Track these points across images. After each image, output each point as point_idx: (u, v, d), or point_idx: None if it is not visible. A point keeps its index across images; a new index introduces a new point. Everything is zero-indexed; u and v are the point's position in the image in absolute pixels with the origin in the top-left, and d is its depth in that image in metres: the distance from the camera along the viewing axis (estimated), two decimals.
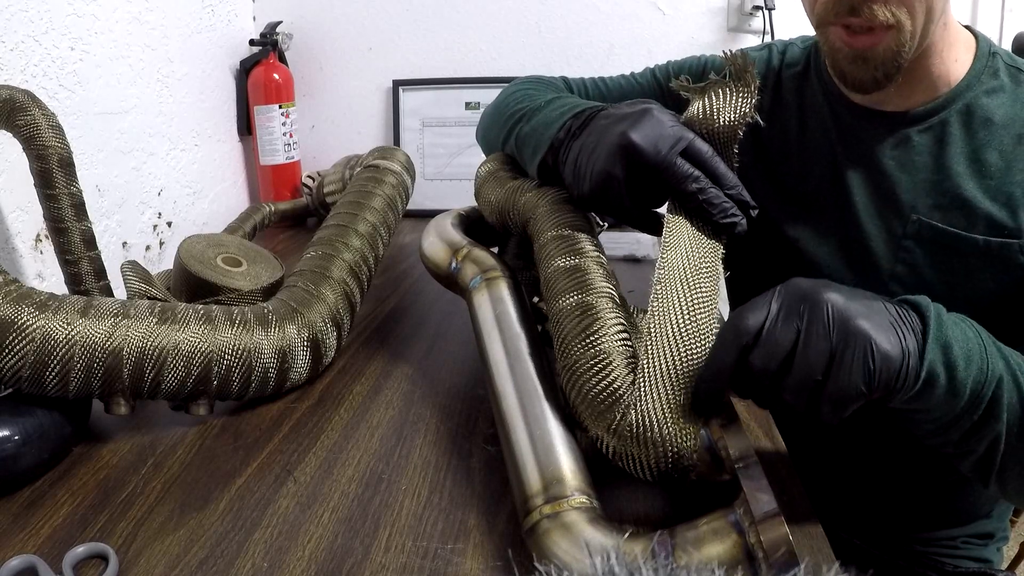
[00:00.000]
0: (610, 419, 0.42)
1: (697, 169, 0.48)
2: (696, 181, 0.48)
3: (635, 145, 0.48)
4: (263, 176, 1.24)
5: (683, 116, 0.51)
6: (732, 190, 0.49)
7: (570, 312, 0.47)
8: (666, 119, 0.49)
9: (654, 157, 0.48)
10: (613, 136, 0.49)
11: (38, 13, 0.76)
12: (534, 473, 0.43)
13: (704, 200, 0.48)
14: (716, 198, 0.48)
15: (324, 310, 0.64)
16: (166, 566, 0.42)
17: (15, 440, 0.48)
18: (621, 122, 0.49)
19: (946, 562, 0.71)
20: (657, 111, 0.50)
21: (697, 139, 0.49)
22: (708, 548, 0.35)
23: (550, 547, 0.39)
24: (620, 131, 0.49)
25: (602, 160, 0.50)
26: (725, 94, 0.49)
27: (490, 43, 1.28)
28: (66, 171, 0.64)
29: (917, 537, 0.72)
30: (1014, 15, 1.24)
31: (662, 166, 0.48)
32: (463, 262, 0.60)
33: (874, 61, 0.54)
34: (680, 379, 0.42)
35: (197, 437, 0.56)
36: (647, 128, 0.48)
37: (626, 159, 0.48)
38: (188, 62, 1.07)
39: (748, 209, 0.50)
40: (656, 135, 0.48)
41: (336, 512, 0.47)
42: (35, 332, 0.49)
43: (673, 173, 0.48)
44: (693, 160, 0.48)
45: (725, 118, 0.49)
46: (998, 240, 0.55)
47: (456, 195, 1.23)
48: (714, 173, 0.48)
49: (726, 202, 0.48)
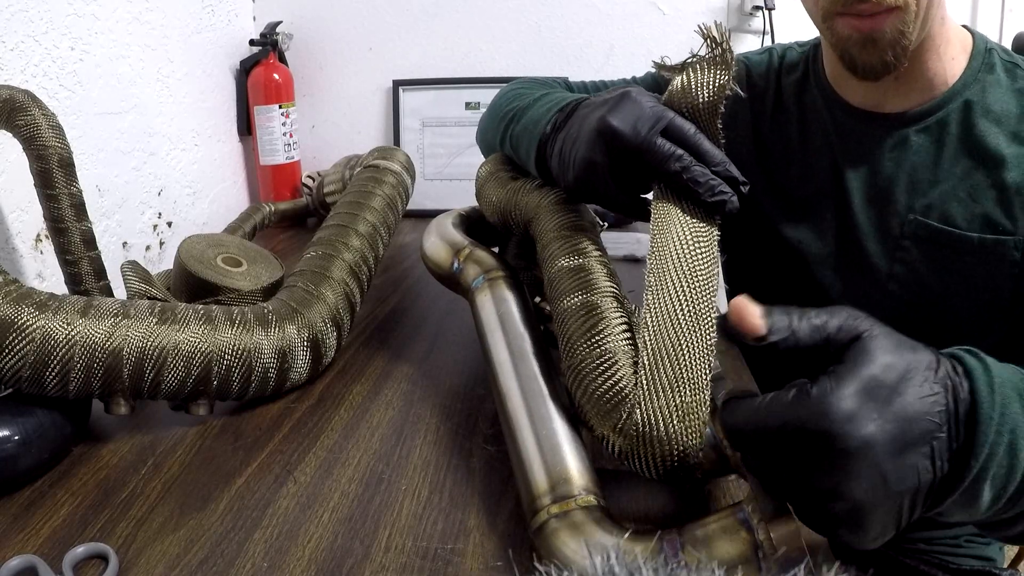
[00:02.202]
0: (616, 418, 0.42)
1: (680, 148, 0.46)
2: (679, 160, 0.46)
3: (613, 128, 0.46)
4: (263, 176, 1.24)
5: (663, 97, 0.49)
6: (718, 167, 0.46)
7: (575, 312, 0.47)
8: (645, 100, 0.48)
9: (633, 139, 0.46)
10: (592, 122, 0.48)
11: (38, 13, 0.76)
12: (541, 473, 0.43)
13: (689, 179, 0.46)
14: (701, 176, 0.46)
15: (324, 310, 0.64)
16: (166, 566, 0.42)
17: (15, 440, 0.48)
18: (600, 108, 0.49)
19: (949, 560, 0.71)
20: (635, 93, 0.48)
21: (677, 117, 0.47)
22: (718, 546, 0.35)
23: (558, 547, 0.39)
24: (598, 116, 0.48)
25: (583, 147, 0.49)
26: (703, 68, 0.47)
27: (490, 43, 1.28)
28: (66, 171, 0.64)
29: (920, 536, 0.72)
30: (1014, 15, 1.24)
31: (643, 147, 0.46)
32: (465, 262, 0.60)
33: (882, 43, 0.54)
34: (683, 374, 0.41)
35: (197, 437, 0.56)
36: (625, 111, 0.47)
37: (606, 144, 0.47)
38: (188, 62, 1.07)
39: (738, 185, 0.47)
40: (634, 117, 0.46)
41: (336, 512, 0.47)
42: (35, 332, 0.49)
43: (654, 154, 0.46)
44: (675, 139, 0.46)
45: (705, 93, 0.47)
46: (992, 237, 0.55)
47: (456, 195, 1.23)
48: (698, 150, 0.46)
49: (713, 179, 0.46)
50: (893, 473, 0.30)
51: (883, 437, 0.30)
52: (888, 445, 0.30)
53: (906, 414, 0.31)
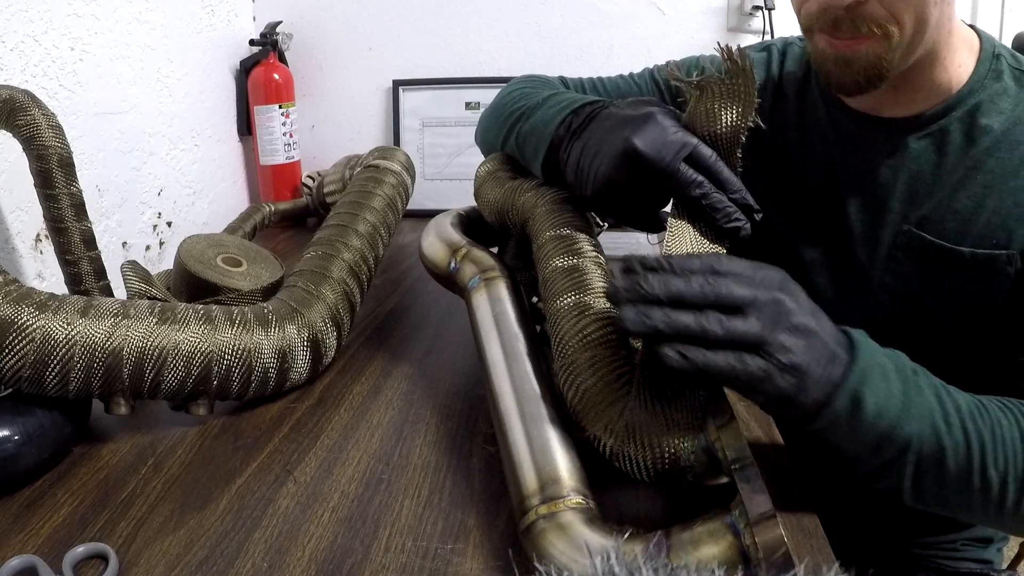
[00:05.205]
0: (607, 419, 0.42)
1: (701, 174, 0.48)
2: (700, 187, 0.48)
3: (640, 152, 0.47)
4: (263, 176, 1.24)
5: (684, 118, 0.51)
6: (736, 194, 0.49)
7: (568, 312, 0.47)
8: (669, 124, 0.49)
9: (658, 164, 0.47)
10: (617, 141, 0.49)
11: (38, 13, 0.76)
12: (530, 473, 0.43)
13: (708, 205, 0.48)
14: (720, 203, 0.48)
15: (324, 310, 0.64)
16: (166, 566, 0.42)
17: (15, 440, 0.48)
18: (625, 126, 0.49)
19: (946, 564, 0.71)
20: (660, 115, 0.49)
21: (701, 145, 0.48)
22: (704, 549, 0.36)
23: (546, 547, 0.39)
24: (624, 136, 0.48)
25: (606, 165, 0.50)
26: (723, 94, 0.48)
27: (490, 43, 1.28)
28: (66, 171, 0.64)
29: (916, 540, 0.72)
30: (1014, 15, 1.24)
31: (666, 172, 0.48)
32: (462, 262, 0.60)
33: (856, 65, 0.54)
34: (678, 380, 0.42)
35: (197, 437, 0.56)
36: (651, 134, 0.48)
37: (630, 166, 0.48)
38: (188, 62, 1.07)
39: (752, 213, 0.49)
40: (660, 141, 0.48)
41: (336, 512, 0.47)
42: (35, 332, 0.49)
43: (678, 180, 0.48)
44: (697, 165, 0.48)
45: (726, 121, 0.49)
46: (985, 252, 0.55)
47: (456, 195, 1.23)
48: (717, 178, 0.48)
49: (730, 207, 0.48)
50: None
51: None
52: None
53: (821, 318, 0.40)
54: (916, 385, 0.42)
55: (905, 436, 0.40)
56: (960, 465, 0.41)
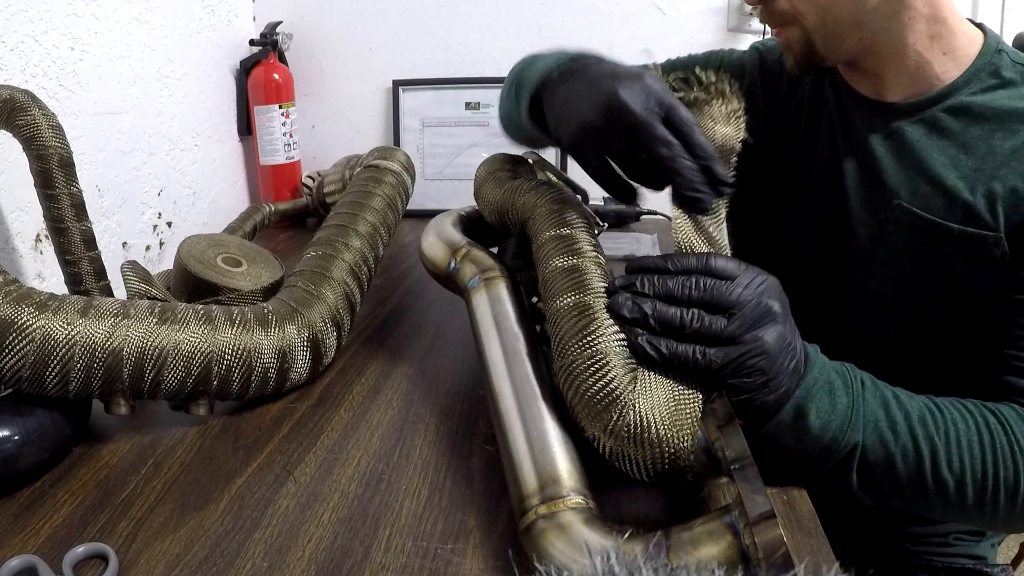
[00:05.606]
0: (607, 420, 0.42)
1: (676, 138, 0.48)
2: (669, 147, 0.47)
3: (620, 99, 0.47)
4: (263, 176, 1.24)
5: None
6: (704, 161, 0.48)
7: (567, 312, 0.47)
8: (657, 85, 0.49)
9: (634, 113, 0.47)
10: (603, 89, 0.49)
11: (38, 13, 0.76)
12: (530, 473, 0.43)
13: (673, 167, 0.47)
14: (685, 168, 0.47)
15: (324, 310, 0.64)
16: (166, 566, 0.42)
17: (15, 440, 0.48)
18: (613, 78, 0.49)
19: (939, 561, 0.71)
20: (650, 78, 0.49)
21: (683, 108, 0.48)
22: (703, 549, 0.36)
23: (546, 547, 0.39)
24: (610, 85, 0.49)
25: (586, 109, 0.50)
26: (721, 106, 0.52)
27: (490, 43, 1.29)
28: (66, 171, 0.64)
29: (907, 534, 0.72)
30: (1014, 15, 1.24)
31: (641, 122, 0.47)
32: (462, 262, 0.60)
33: (792, 51, 0.61)
34: (678, 380, 0.42)
35: (197, 437, 0.56)
36: (636, 87, 0.48)
37: (608, 111, 0.48)
38: (188, 62, 1.07)
39: (719, 185, 0.48)
40: (644, 95, 0.48)
41: (336, 512, 0.47)
42: (35, 332, 0.49)
43: (651, 133, 0.47)
44: (674, 128, 0.48)
45: (719, 138, 0.51)
46: (974, 231, 0.56)
47: (456, 195, 1.23)
48: (691, 143, 0.47)
49: (695, 175, 0.47)
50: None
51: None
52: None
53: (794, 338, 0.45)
54: (862, 397, 0.46)
55: (849, 445, 0.45)
56: (910, 468, 0.46)
